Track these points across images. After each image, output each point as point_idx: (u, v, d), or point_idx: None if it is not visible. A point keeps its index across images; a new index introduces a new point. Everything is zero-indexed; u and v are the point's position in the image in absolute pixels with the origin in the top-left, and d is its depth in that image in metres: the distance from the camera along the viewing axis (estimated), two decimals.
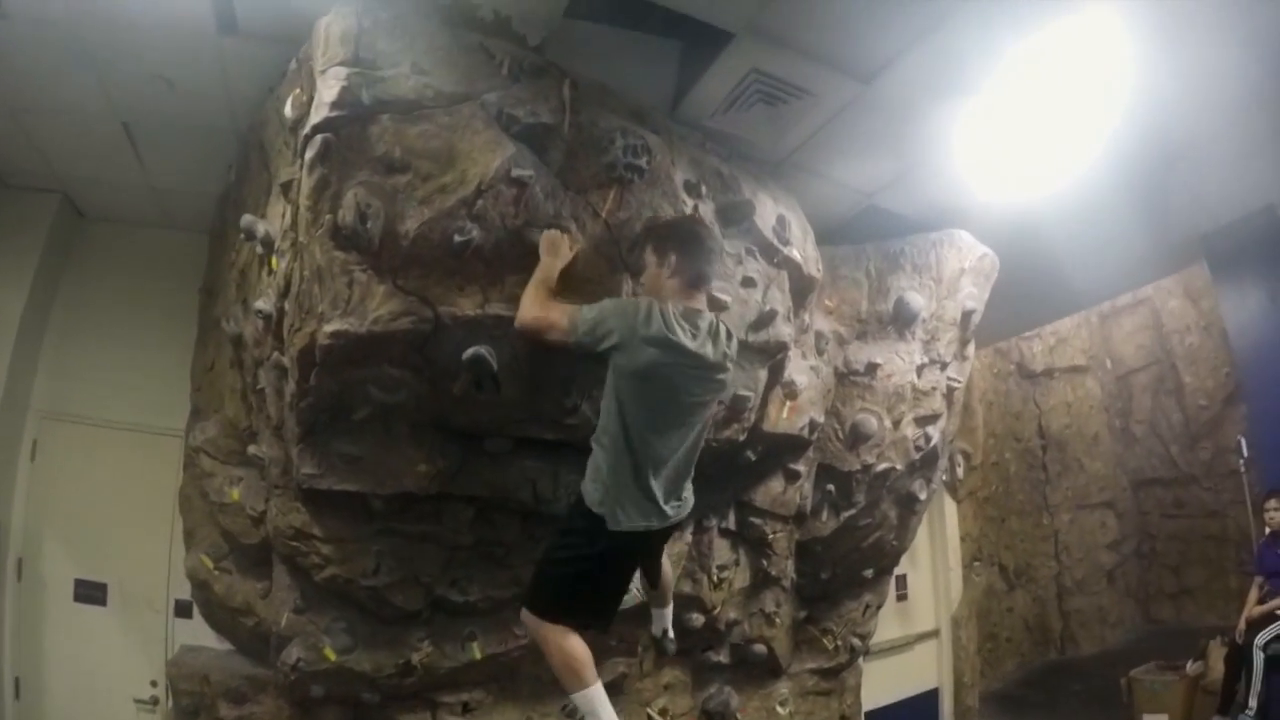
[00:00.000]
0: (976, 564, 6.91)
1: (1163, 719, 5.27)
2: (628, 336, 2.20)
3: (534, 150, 2.43)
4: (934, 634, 6.34)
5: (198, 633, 3.84)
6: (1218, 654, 5.30)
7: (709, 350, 2.32)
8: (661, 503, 2.31)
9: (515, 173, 2.34)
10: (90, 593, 3.94)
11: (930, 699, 6.25)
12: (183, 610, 3.92)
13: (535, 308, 2.29)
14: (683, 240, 2.42)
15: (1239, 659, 4.55)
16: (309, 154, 2.25)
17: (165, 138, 3.46)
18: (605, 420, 2.31)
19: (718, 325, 2.41)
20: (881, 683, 5.38)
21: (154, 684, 3.92)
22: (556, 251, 2.39)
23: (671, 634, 3.04)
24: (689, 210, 2.79)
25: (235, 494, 3.28)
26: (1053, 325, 8.13)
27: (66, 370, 4.09)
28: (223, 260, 3.69)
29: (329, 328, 2.27)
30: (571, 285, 2.50)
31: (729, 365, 2.45)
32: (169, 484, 3.97)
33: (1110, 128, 3.33)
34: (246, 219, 2.79)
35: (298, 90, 2.55)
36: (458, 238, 2.30)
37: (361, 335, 2.29)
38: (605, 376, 2.35)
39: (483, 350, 2.41)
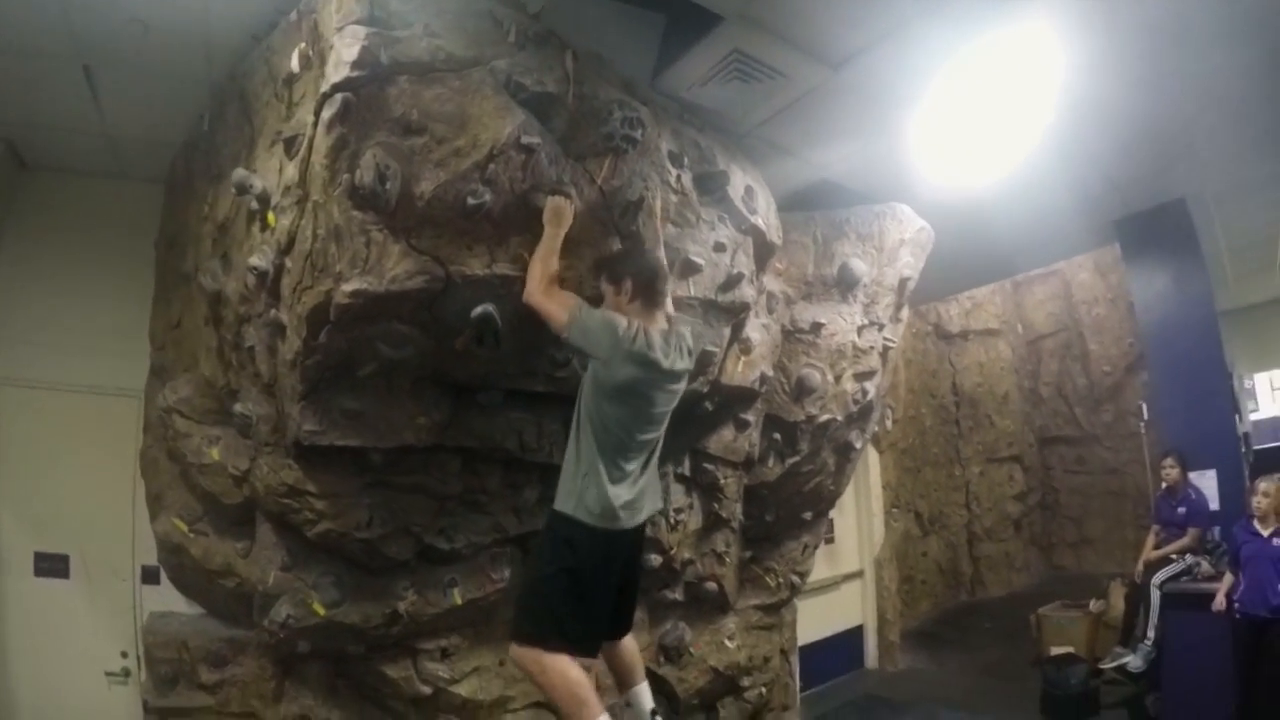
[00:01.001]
0: (895, 510, 7.47)
1: (1068, 650, 5.79)
2: (611, 353, 2.45)
3: (539, 118, 2.60)
4: (858, 575, 6.88)
5: (166, 599, 3.86)
6: (1118, 593, 5.97)
7: (676, 364, 2.60)
8: (631, 503, 2.52)
9: (525, 139, 2.50)
10: (51, 565, 3.88)
11: (856, 635, 6.81)
12: (150, 577, 3.91)
13: (543, 294, 2.49)
14: (633, 266, 2.65)
15: (1138, 597, 5.09)
16: (327, 113, 2.33)
17: (129, 83, 3.39)
18: (579, 430, 2.53)
19: (679, 338, 2.67)
20: (812, 620, 5.81)
21: (124, 655, 3.91)
22: (561, 220, 2.58)
23: (659, 714, 2.91)
24: (673, 180, 3.03)
25: (215, 453, 3.30)
26: (970, 290, 8.74)
27: (12, 332, 3.93)
28: (187, 212, 3.64)
29: (348, 286, 2.39)
30: (568, 247, 2.70)
31: (685, 371, 2.70)
32: (128, 447, 3.94)
33: (1042, 122, 3.77)
34: (239, 173, 2.81)
35: (302, 44, 2.62)
36: (471, 200, 2.45)
37: (379, 294, 2.42)
38: None
39: (490, 308, 2.59)
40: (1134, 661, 4.89)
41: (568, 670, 2.36)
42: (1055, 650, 5.88)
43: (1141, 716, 4.71)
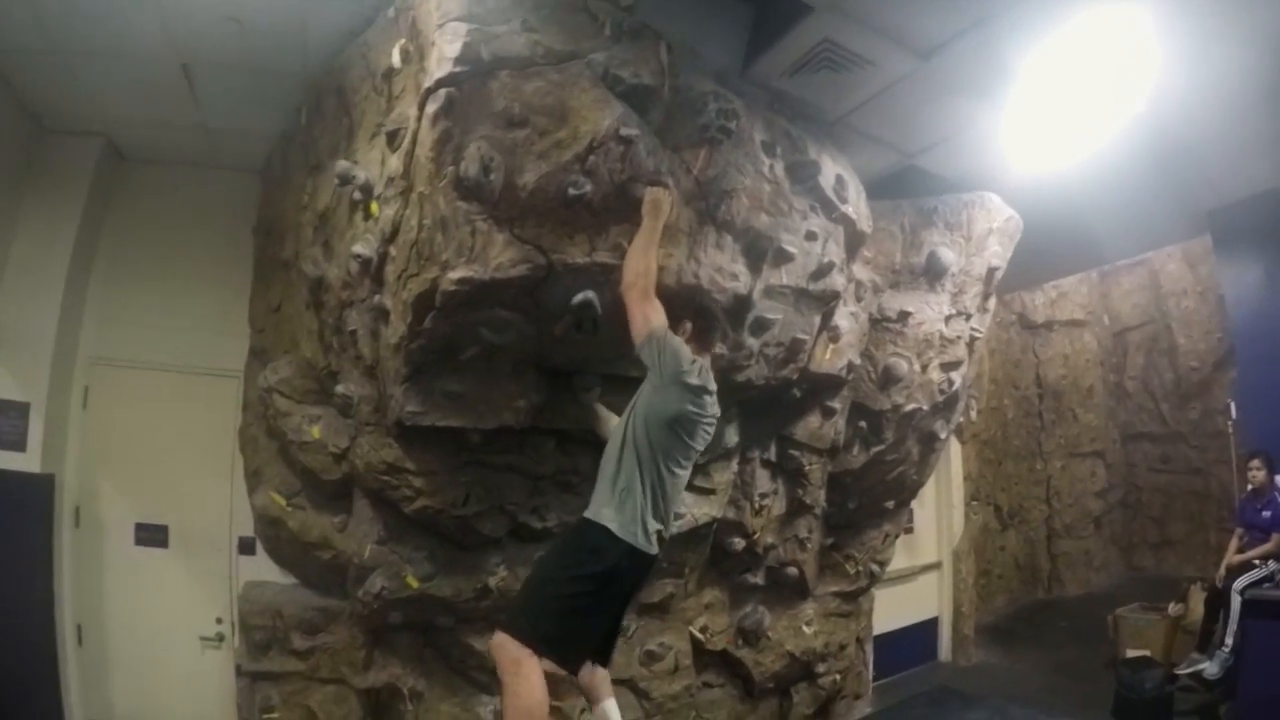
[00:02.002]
0: (974, 503, 7.39)
1: (1145, 654, 5.69)
2: (674, 380, 2.51)
3: (636, 109, 2.68)
4: (936, 566, 6.87)
5: (261, 569, 4.11)
6: (1198, 597, 5.80)
7: (716, 408, 2.69)
8: (657, 531, 2.54)
9: (624, 131, 2.59)
10: (151, 535, 4.16)
11: (931, 627, 6.82)
12: (246, 547, 4.17)
13: (640, 295, 2.54)
14: (695, 312, 2.77)
15: (1218, 602, 5.00)
16: (431, 107, 2.46)
17: (226, 78, 3.62)
18: (624, 448, 2.54)
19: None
20: (888, 609, 5.85)
21: (219, 621, 4.18)
22: (660, 211, 2.63)
23: None
24: (766, 170, 3.09)
25: (315, 431, 3.51)
26: (1056, 280, 8.57)
27: (114, 315, 4.23)
28: (285, 201, 3.86)
29: (454, 274, 2.53)
30: (666, 237, 2.78)
31: (717, 416, 2.77)
32: (226, 424, 4.21)
33: (1132, 110, 3.70)
34: (342, 165, 2.99)
35: (402, 40, 2.76)
36: (572, 191, 2.55)
37: (484, 281, 2.55)
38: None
39: (591, 295, 2.70)
40: (1210, 668, 4.81)
41: (536, 689, 2.30)
42: (1131, 653, 5.80)
43: None
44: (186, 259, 4.32)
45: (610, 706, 2.76)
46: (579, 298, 2.70)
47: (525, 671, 2.28)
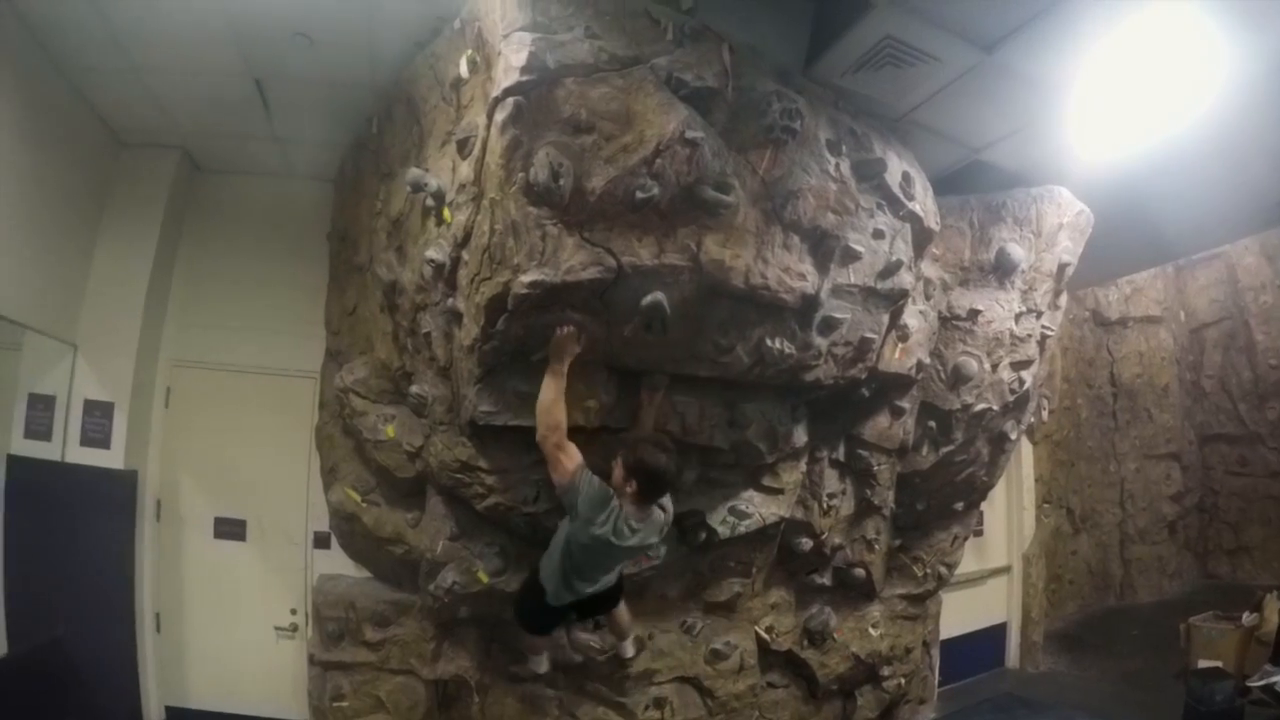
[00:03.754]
0: (1046, 505, 7.21)
1: (1217, 665, 5.55)
2: (584, 522, 2.82)
3: (700, 112, 2.71)
4: (1005, 570, 6.71)
5: (335, 563, 4.27)
6: (1273, 607, 5.67)
7: (640, 539, 2.95)
8: (583, 593, 3.08)
9: (689, 134, 2.62)
10: (230, 529, 4.38)
11: (999, 632, 6.67)
12: (321, 542, 4.34)
13: (556, 446, 2.78)
14: (646, 477, 2.87)
15: None
16: (500, 116, 2.53)
17: (297, 91, 3.78)
18: (558, 538, 3.01)
19: (655, 518, 3.01)
20: (956, 613, 5.78)
21: (293, 611, 4.36)
22: (566, 353, 2.80)
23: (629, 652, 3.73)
24: (831, 169, 3.09)
25: (390, 430, 3.63)
26: (1129, 275, 8.26)
27: (194, 320, 4.46)
28: (359, 207, 4.00)
29: (526, 278, 2.59)
30: (733, 238, 2.82)
31: (655, 542, 3.11)
32: (303, 423, 4.38)
33: (1203, 99, 3.58)
34: (415, 172, 3.07)
35: (469, 51, 2.84)
36: (640, 194, 2.59)
37: (555, 284, 2.60)
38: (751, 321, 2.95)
39: (660, 296, 2.73)
40: None
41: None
42: (1203, 663, 5.66)
43: None
44: (263, 265, 4.51)
45: (624, 645, 3.69)
46: (648, 299, 2.74)
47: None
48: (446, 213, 2.97)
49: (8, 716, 3.46)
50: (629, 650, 3.70)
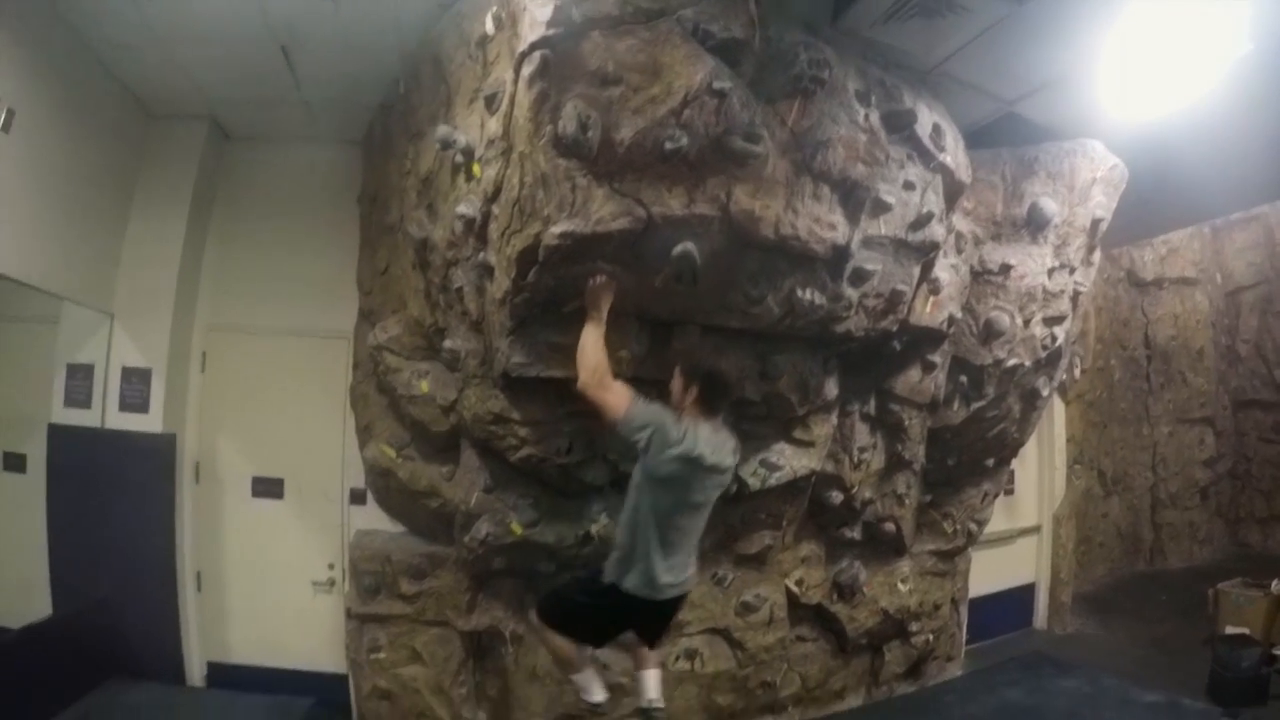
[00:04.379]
0: (1077, 466, 7.13)
1: (1244, 632, 5.50)
2: (658, 448, 2.69)
3: (727, 63, 2.72)
4: (1035, 530, 6.69)
5: (371, 518, 4.38)
6: None
7: (719, 459, 2.84)
8: (661, 580, 2.81)
9: (716, 84, 2.63)
10: (267, 488, 4.51)
11: (1027, 593, 6.67)
12: (357, 498, 4.46)
13: (599, 386, 2.71)
14: (706, 379, 2.87)
15: None
16: (527, 70, 2.56)
17: (324, 56, 3.81)
18: (627, 510, 2.86)
19: (725, 440, 2.93)
20: (984, 572, 5.78)
21: (330, 567, 4.48)
22: (603, 303, 2.80)
23: (657, 702, 3.13)
24: (861, 119, 3.09)
25: (425, 386, 3.70)
26: (1165, 234, 8.14)
27: (228, 285, 4.57)
28: (388, 168, 4.05)
29: (556, 229, 2.63)
30: (762, 188, 2.84)
31: (731, 467, 2.99)
32: (337, 383, 4.49)
33: (1239, 53, 3.51)
34: (443, 130, 3.12)
35: (494, 8, 2.85)
36: (668, 145, 2.61)
37: (586, 235, 2.64)
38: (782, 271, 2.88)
39: (690, 246, 2.76)
40: None
41: (557, 641, 3.03)
42: (1229, 629, 5.62)
43: None
44: (294, 229, 4.60)
45: (647, 676, 3.16)
46: (679, 249, 2.76)
47: (546, 635, 3.06)
48: (476, 168, 3.01)
49: (55, 674, 3.61)
50: (652, 689, 3.13)
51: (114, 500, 4.10)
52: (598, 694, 3.09)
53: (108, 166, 4.13)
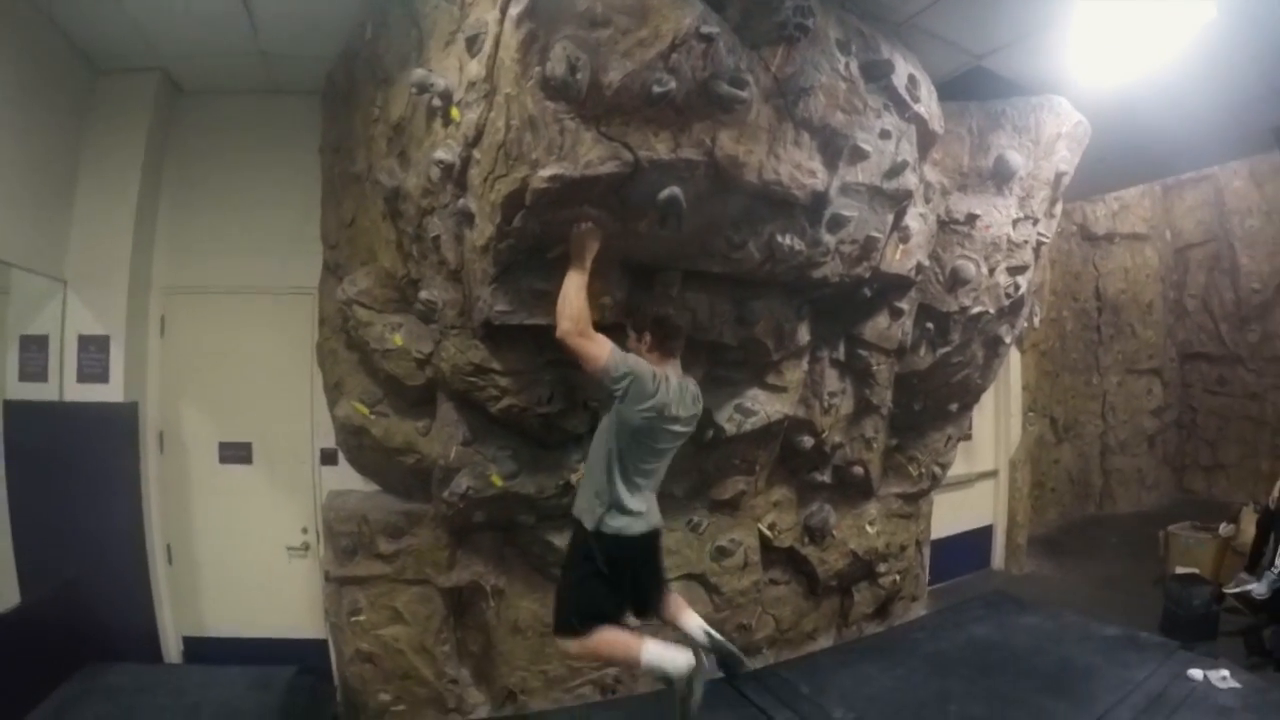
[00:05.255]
0: (1031, 414, 7.47)
1: (1194, 572, 5.87)
2: (634, 398, 2.80)
3: (713, 8, 2.75)
4: (992, 474, 7.01)
5: (344, 478, 4.37)
6: (1249, 519, 5.94)
7: (684, 411, 2.97)
8: (640, 514, 2.95)
9: (704, 29, 2.66)
10: (235, 453, 4.45)
11: (985, 535, 7.02)
12: (328, 458, 4.43)
13: (580, 335, 2.76)
14: (656, 323, 2.98)
15: (1269, 524, 5.13)
16: (514, 10, 2.55)
17: (284, 2, 3.71)
18: (598, 454, 2.94)
19: (686, 388, 3.02)
20: (944, 515, 6.05)
21: (304, 531, 4.47)
22: (588, 249, 2.85)
23: (716, 636, 3.01)
24: (841, 68, 3.16)
25: (398, 339, 3.69)
26: (1119, 191, 8.46)
27: (185, 245, 4.45)
28: (352, 117, 3.99)
29: (545, 172, 2.65)
30: (746, 134, 2.90)
31: (696, 416, 3.09)
32: (303, 340, 4.43)
33: (1204, 19, 3.69)
34: (419, 73, 3.09)
35: None
36: (656, 88, 2.64)
37: (574, 179, 2.67)
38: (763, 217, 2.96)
39: (676, 190, 2.82)
40: (1259, 589, 4.92)
41: (603, 639, 2.89)
42: (1180, 570, 5.97)
43: (1258, 648, 4.74)
44: (251, 184, 4.49)
45: (688, 621, 3.13)
46: (665, 193, 2.81)
47: (590, 644, 2.91)
48: (455, 112, 2.99)
49: (30, 664, 3.50)
50: (698, 631, 3.03)
51: (77, 476, 4.01)
52: (683, 660, 2.83)
53: (53, 125, 3.98)
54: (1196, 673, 4.01)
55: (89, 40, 4.02)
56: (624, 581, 2.99)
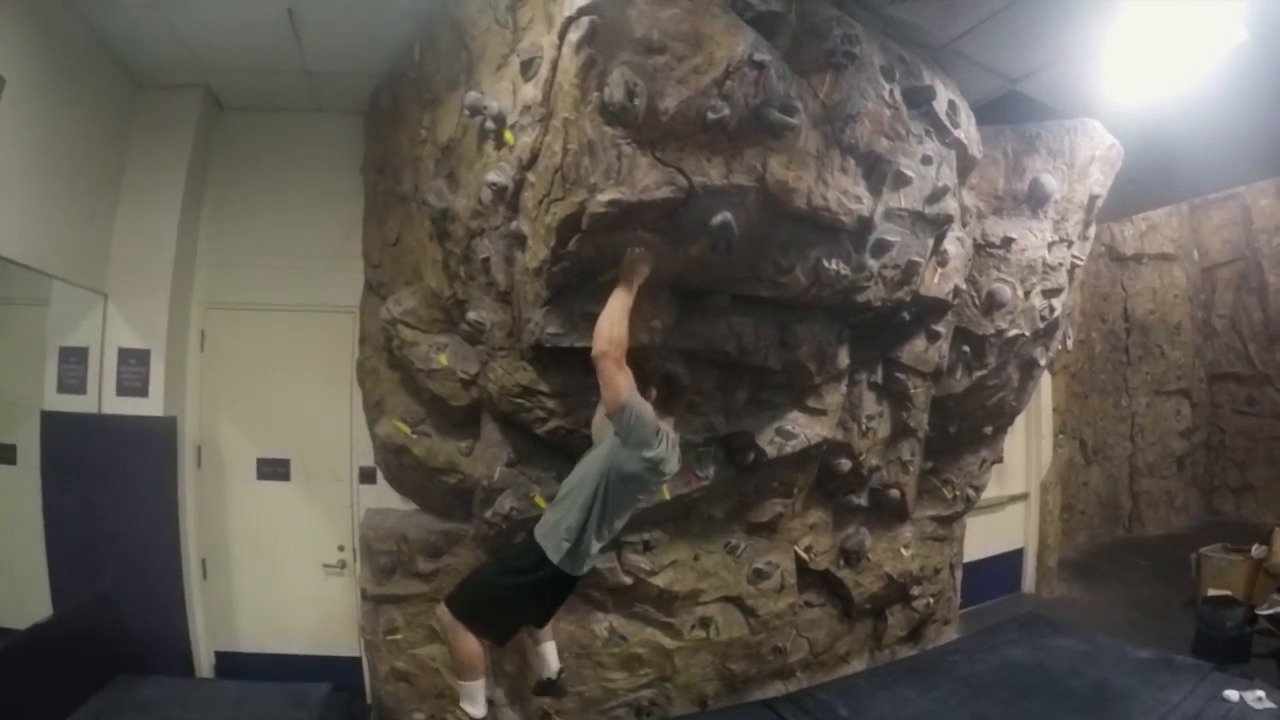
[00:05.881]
0: (1060, 436, 7.51)
1: (1226, 594, 5.82)
2: (635, 444, 2.88)
3: (764, 35, 2.83)
4: (1023, 497, 7.05)
5: (381, 497, 4.44)
6: None
7: (671, 466, 3.07)
8: (587, 557, 3.04)
9: (757, 56, 2.73)
10: (273, 469, 4.53)
11: (1015, 558, 7.06)
12: (366, 476, 4.51)
13: (616, 364, 2.79)
14: (662, 380, 3.11)
15: None
16: (574, 35, 2.62)
17: (331, 21, 3.81)
18: (584, 486, 2.97)
19: (675, 442, 3.10)
20: (975, 538, 6.07)
21: (341, 548, 4.53)
22: (639, 275, 2.90)
23: (555, 668, 3.43)
24: (886, 94, 3.24)
25: (444, 359, 3.77)
26: (1147, 211, 8.54)
27: (226, 261, 4.56)
28: (398, 137, 4.09)
29: (603, 197, 2.71)
30: (795, 160, 2.97)
31: (674, 471, 3.18)
32: (343, 359, 4.52)
33: (1234, 42, 3.75)
34: (472, 96, 3.18)
35: None
36: (711, 115, 2.71)
37: (631, 203, 2.73)
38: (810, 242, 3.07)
39: (729, 216, 2.88)
40: None
41: (466, 641, 3.03)
42: (1212, 592, 5.94)
43: None
44: (293, 201, 4.60)
45: (547, 649, 3.42)
46: (718, 219, 2.87)
47: (458, 634, 3.04)
48: (508, 135, 3.06)
49: (62, 675, 3.56)
50: (553, 665, 3.44)
51: (113, 489, 4.06)
52: (480, 708, 3.12)
53: (98, 138, 4.09)
54: (1232, 694, 3.99)
55: (133, 55, 4.14)
56: (541, 604, 3.17)
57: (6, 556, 4.15)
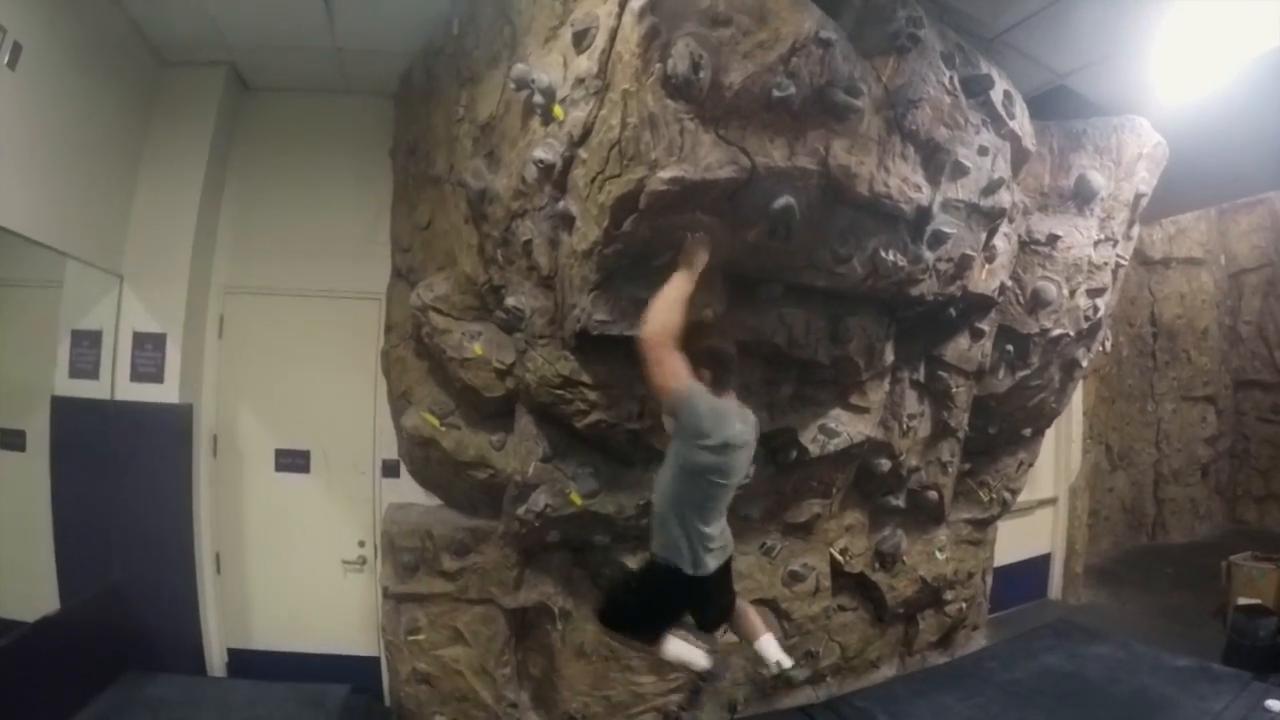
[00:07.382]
0: (1087, 441, 7.43)
1: (1258, 603, 5.76)
2: (694, 433, 2.71)
3: (829, 14, 2.77)
4: (1051, 501, 7.00)
5: (404, 491, 4.36)
6: None
7: (749, 436, 2.91)
8: (714, 553, 2.87)
9: (823, 34, 2.67)
10: (292, 461, 4.45)
11: (1042, 563, 7.01)
12: (389, 470, 4.42)
13: (667, 348, 2.65)
14: (711, 356, 2.89)
15: None
16: (636, 3, 2.53)
17: None
18: (671, 488, 2.83)
19: (750, 414, 3.00)
20: (1003, 542, 5.99)
21: (361, 544, 4.44)
22: (699, 261, 2.78)
23: (785, 661, 3.12)
24: (945, 81, 3.18)
25: (478, 348, 3.67)
26: (1177, 215, 8.47)
27: (247, 245, 4.47)
28: (432, 117, 4.00)
29: (665, 174, 2.61)
30: (858, 144, 2.91)
31: (755, 439, 3.02)
32: (367, 347, 4.44)
33: (1271, 42, 3.73)
34: (520, 69, 3.04)
35: None
36: (776, 92, 2.64)
37: (694, 181, 2.64)
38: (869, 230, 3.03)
39: (791, 200, 2.81)
40: None
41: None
42: (1244, 600, 5.89)
43: None
44: (318, 185, 4.51)
45: (765, 643, 3.16)
46: (779, 202, 2.80)
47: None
48: (558, 110, 2.95)
49: (70, 670, 3.51)
50: (774, 651, 3.13)
51: (125, 478, 3.99)
52: (701, 660, 3.01)
53: (116, 115, 3.99)
54: (1274, 704, 3.97)
55: (158, 30, 4.06)
56: (671, 614, 3.05)
57: (14, 547, 4.07)
